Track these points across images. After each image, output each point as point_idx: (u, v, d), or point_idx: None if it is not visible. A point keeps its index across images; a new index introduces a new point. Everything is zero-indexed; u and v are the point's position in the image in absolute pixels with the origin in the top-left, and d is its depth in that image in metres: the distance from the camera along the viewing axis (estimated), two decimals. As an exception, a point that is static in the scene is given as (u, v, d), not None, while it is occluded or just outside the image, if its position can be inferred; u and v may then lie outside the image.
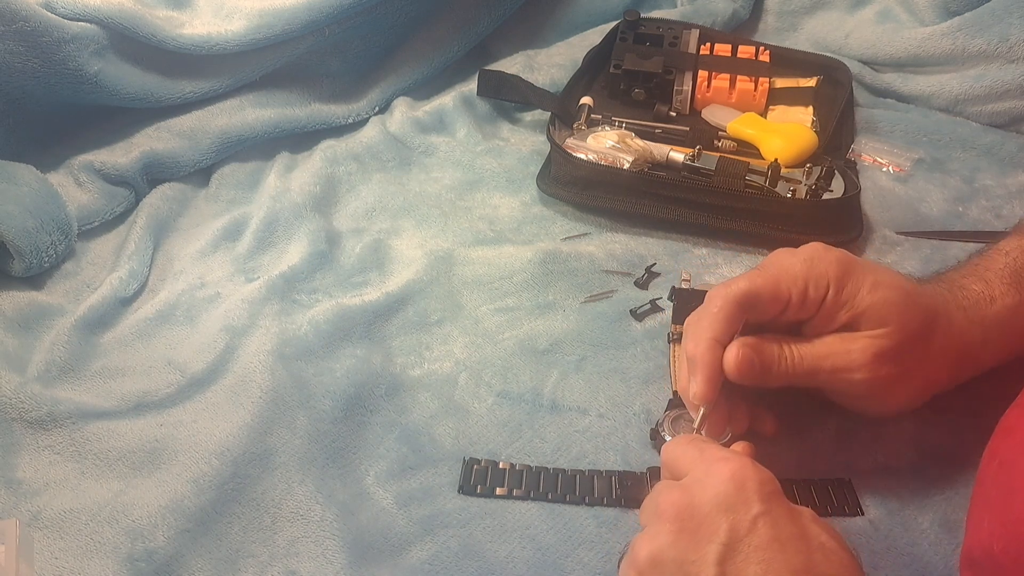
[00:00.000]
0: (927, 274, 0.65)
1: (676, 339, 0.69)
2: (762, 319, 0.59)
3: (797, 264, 0.59)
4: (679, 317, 0.69)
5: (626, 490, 0.61)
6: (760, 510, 0.48)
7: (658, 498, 0.51)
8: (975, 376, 0.63)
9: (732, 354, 0.57)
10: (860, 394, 0.60)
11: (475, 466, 0.62)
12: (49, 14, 0.78)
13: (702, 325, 0.59)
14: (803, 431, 0.65)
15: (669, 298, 0.74)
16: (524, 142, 0.93)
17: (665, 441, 0.59)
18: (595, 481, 0.61)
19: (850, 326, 0.58)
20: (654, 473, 0.61)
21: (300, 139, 0.91)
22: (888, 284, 0.59)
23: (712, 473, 0.50)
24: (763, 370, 0.58)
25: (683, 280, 0.74)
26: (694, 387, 0.58)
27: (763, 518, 0.48)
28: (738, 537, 0.47)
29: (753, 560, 0.47)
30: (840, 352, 0.58)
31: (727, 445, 0.56)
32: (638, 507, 0.54)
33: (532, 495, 0.61)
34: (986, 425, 0.64)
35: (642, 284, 0.77)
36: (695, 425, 0.58)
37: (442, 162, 0.90)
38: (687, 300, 0.69)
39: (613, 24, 1.01)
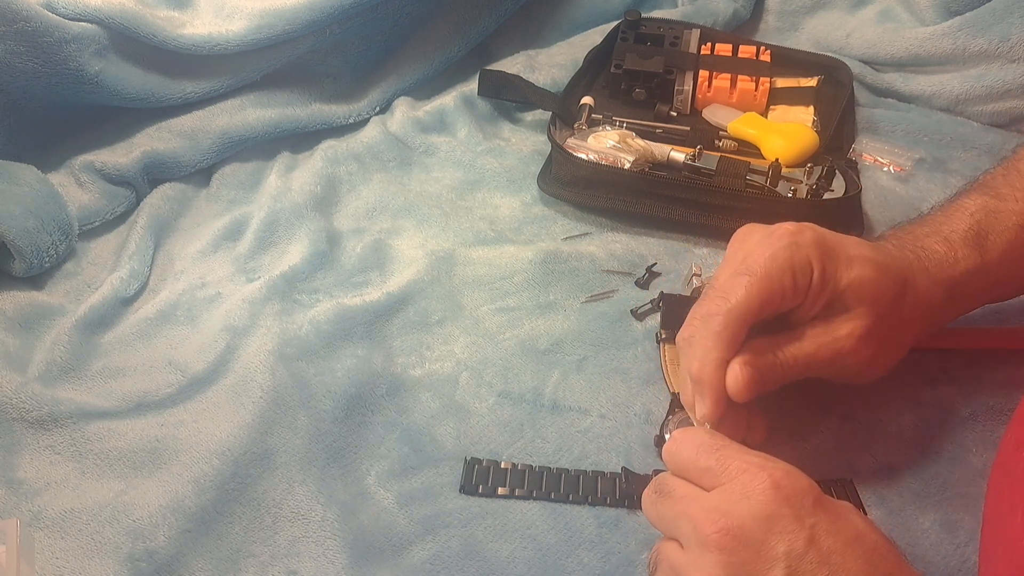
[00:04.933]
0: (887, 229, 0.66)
1: (665, 339, 0.69)
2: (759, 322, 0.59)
3: (780, 253, 0.57)
4: (667, 322, 0.70)
5: (632, 489, 0.60)
6: (812, 522, 0.46)
7: (696, 517, 0.48)
8: (933, 332, 0.64)
9: (735, 376, 0.56)
10: (850, 374, 0.60)
11: (476, 466, 0.62)
12: (50, 14, 0.78)
13: (707, 345, 0.57)
14: (803, 431, 0.65)
15: (657, 305, 0.73)
16: (525, 142, 0.93)
17: None
18: (599, 481, 0.61)
19: (830, 306, 0.58)
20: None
21: (301, 139, 0.91)
22: (860, 258, 0.59)
23: (752, 491, 0.47)
24: (763, 384, 0.57)
25: (694, 275, 0.74)
26: (702, 408, 0.57)
27: (816, 530, 0.46)
28: (797, 556, 0.45)
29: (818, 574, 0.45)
30: (829, 343, 0.58)
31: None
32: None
33: (534, 495, 0.61)
34: (986, 426, 0.65)
35: (643, 284, 0.77)
36: None
37: (443, 162, 0.90)
38: (676, 305, 0.69)
39: (614, 24, 1.01)
